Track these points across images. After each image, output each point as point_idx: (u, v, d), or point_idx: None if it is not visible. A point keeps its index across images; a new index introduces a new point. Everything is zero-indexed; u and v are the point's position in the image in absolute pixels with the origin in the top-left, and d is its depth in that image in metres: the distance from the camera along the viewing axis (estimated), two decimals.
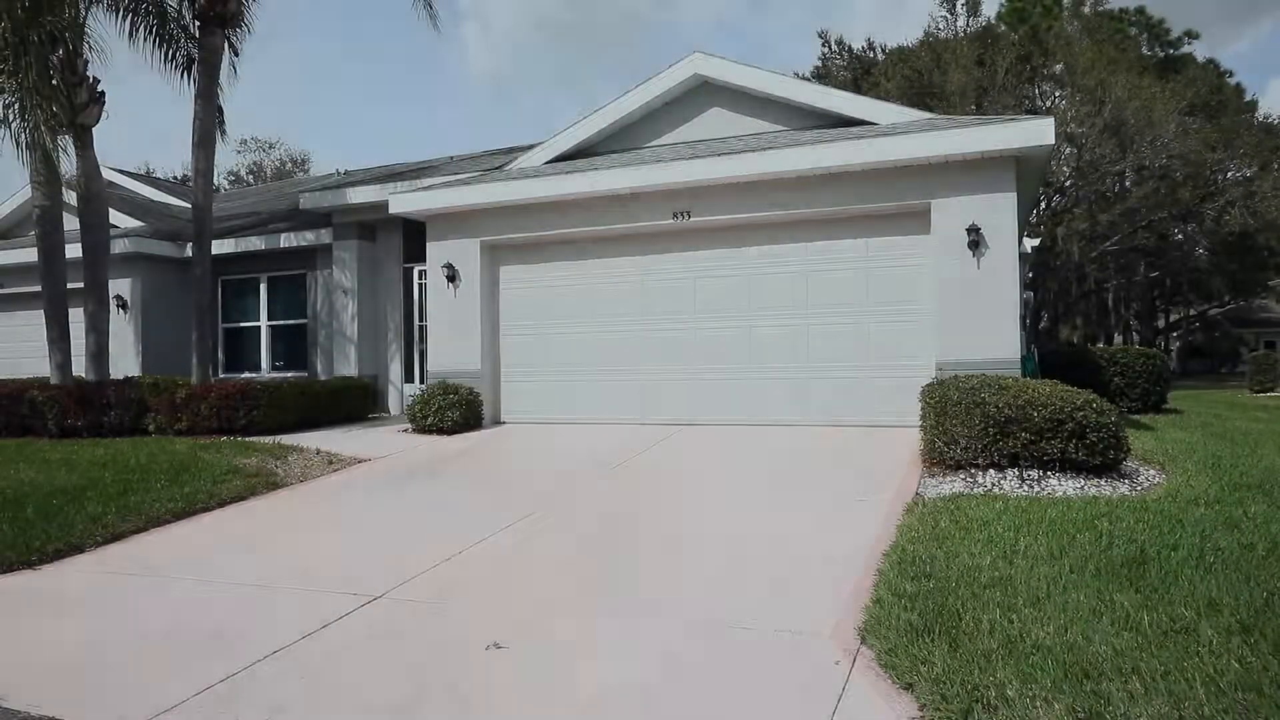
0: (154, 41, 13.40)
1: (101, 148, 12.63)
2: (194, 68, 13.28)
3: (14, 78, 9.88)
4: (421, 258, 12.49)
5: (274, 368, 15.56)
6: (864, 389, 9.78)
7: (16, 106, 10.05)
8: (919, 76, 30.74)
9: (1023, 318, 10.37)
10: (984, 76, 29.78)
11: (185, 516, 6.72)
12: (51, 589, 5.14)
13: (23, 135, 10.93)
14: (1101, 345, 24.47)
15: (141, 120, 71.06)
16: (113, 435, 11.14)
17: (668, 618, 4.20)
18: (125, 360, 14.92)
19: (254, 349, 15.80)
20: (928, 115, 10.95)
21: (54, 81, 11.03)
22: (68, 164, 11.64)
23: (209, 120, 12.61)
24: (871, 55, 37.29)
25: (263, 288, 15.71)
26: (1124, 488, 6.48)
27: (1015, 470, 6.84)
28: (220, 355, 15.83)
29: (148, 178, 24.04)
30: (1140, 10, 36.54)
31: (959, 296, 9.12)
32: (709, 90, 11.56)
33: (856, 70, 36.46)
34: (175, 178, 42.48)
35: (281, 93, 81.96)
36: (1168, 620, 3.63)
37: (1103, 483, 6.57)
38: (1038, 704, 2.94)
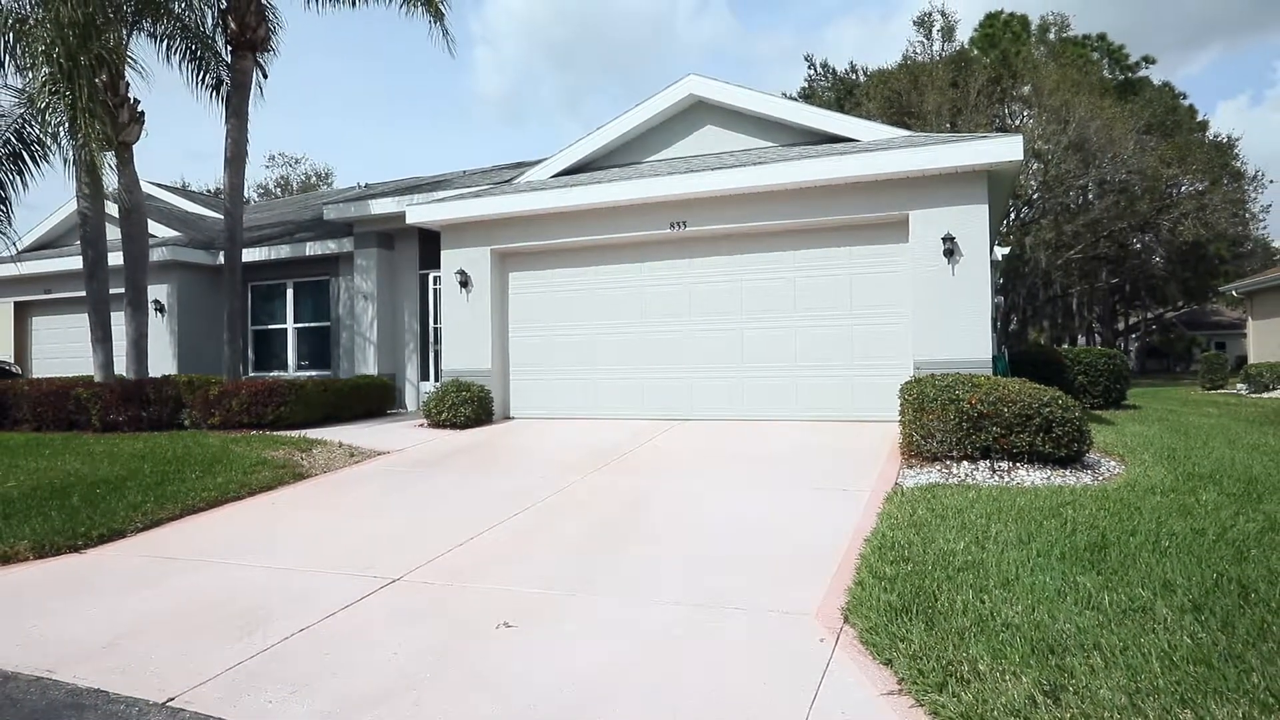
0: (189, 65, 13.47)
1: (140, 163, 12.62)
2: (225, 89, 13.31)
3: (64, 98, 9.88)
4: (436, 264, 12.49)
5: (299, 367, 15.56)
6: (848, 387, 9.80)
7: (67, 125, 10.05)
8: (898, 97, 30.77)
9: (994, 320, 10.39)
10: (958, 97, 29.83)
11: (218, 505, 6.72)
12: (95, 571, 5.14)
13: (71, 152, 10.96)
14: (1067, 346, 24.48)
15: (177, 137, 71.05)
16: (151, 429, 11.14)
17: (665, 598, 4.21)
18: (163, 360, 14.93)
19: (281, 349, 15.79)
20: (906, 133, 10.96)
21: (101, 100, 11.02)
22: (111, 178, 11.63)
23: (240, 137, 12.63)
24: (854, 77, 37.33)
25: (289, 293, 15.70)
26: (1087, 478, 6.49)
27: (987, 462, 6.86)
28: (250, 355, 15.82)
29: (183, 191, 23.99)
30: (1102, 36, 36.63)
31: (935, 301, 9.13)
32: (703, 109, 11.56)
33: (840, 91, 36.51)
34: (209, 191, 42.43)
35: (306, 112, 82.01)
36: (1126, 600, 3.64)
37: (1067, 473, 6.58)
38: (1007, 677, 2.95)
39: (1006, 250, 24.88)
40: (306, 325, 15.60)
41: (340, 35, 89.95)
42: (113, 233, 12.70)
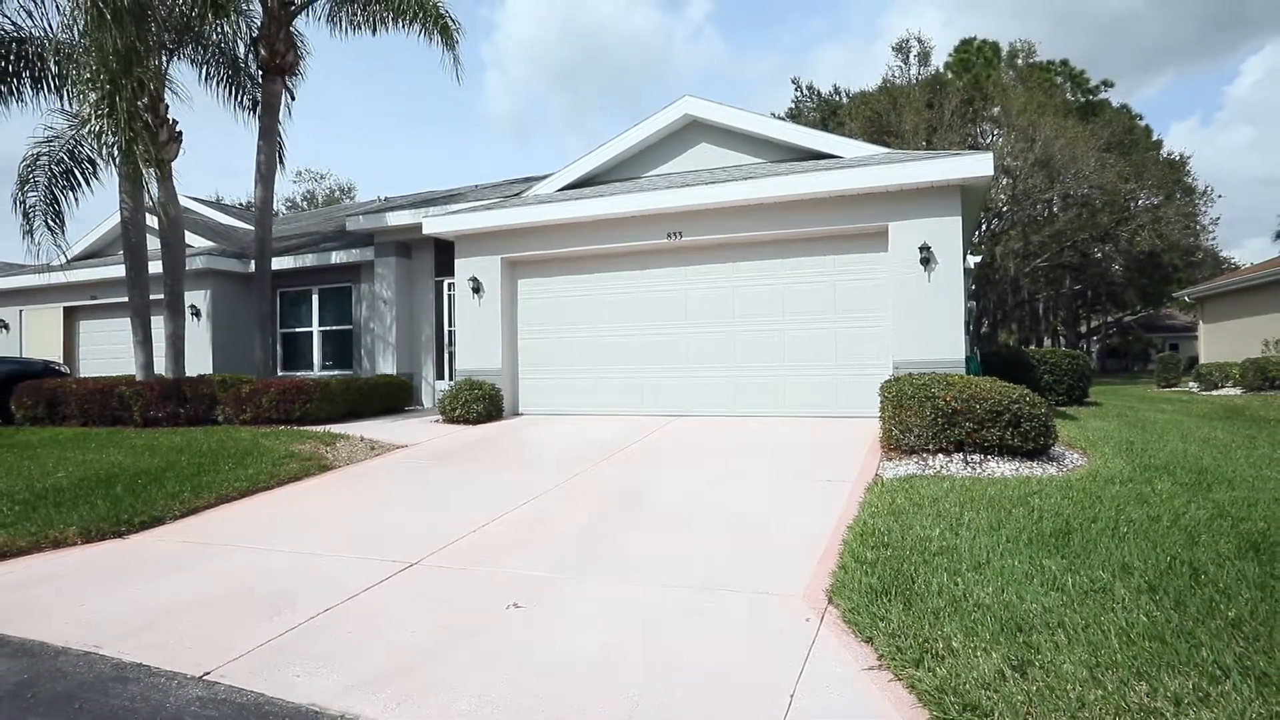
0: (223, 88, 13.49)
1: (178, 178, 12.60)
2: (257, 109, 13.31)
3: (110, 120, 9.89)
4: (451, 272, 12.49)
5: (324, 366, 15.55)
6: (832, 386, 9.81)
7: (122, 145, 10.04)
8: (878, 117, 30.79)
9: (967, 324, 10.39)
10: (933, 117, 29.87)
11: (250, 494, 6.72)
12: (137, 555, 5.14)
13: (116, 168, 10.96)
14: (1034, 347, 24.50)
15: (211, 154, 71.05)
16: (188, 425, 11.14)
17: (662, 581, 4.21)
18: (198, 360, 14.91)
19: (307, 350, 15.79)
20: (885, 150, 10.96)
21: (143, 121, 11.02)
22: (153, 191, 11.64)
23: (270, 155, 12.63)
24: (837, 99, 37.38)
25: (314, 298, 15.69)
26: (1052, 469, 6.50)
27: (961, 454, 6.86)
28: (279, 355, 15.82)
29: (217, 204, 23.98)
30: (1065, 62, 36.70)
31: (913, 305, 9.14)
32: (698, 128, 11.56)
33: (824, 111, 36.57)
34: (240, 204, 42.38)
35: (331, 129, 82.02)
36: (1088, 582, 3.65)
37: (1034, 465, 6.59)
38: (978, 654, 2.96)
39: (978, 259, 24.91)
40: (330, 328, 15.59)
41: (363, 59, 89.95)
42: (153, 243, 12.70)
